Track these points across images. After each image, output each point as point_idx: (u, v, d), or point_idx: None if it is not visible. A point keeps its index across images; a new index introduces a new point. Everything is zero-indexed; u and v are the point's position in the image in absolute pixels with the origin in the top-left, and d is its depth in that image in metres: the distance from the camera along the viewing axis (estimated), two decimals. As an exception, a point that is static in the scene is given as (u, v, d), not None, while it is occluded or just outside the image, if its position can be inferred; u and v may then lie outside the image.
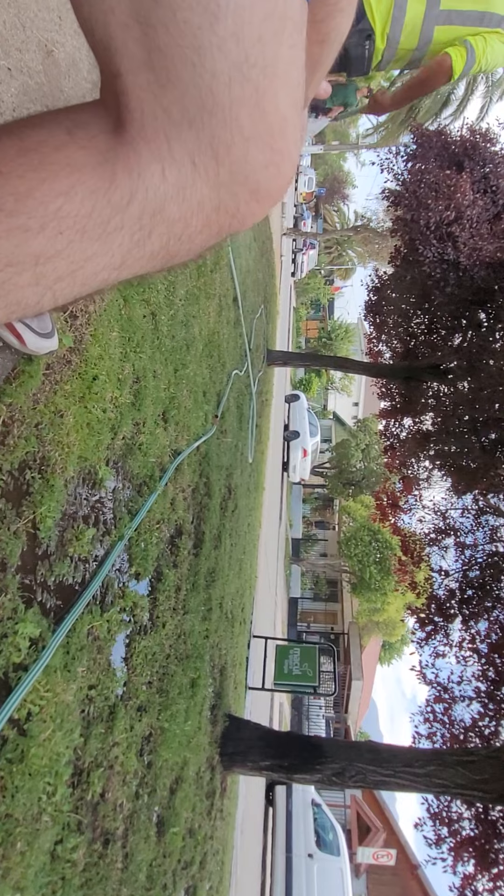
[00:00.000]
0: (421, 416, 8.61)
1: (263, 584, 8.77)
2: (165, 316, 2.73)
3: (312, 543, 29.63)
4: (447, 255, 6.38)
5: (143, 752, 2.23)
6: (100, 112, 0.47)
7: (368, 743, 4.30)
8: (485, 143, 7.28)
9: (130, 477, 2.18)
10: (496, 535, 7.56)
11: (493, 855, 4.79)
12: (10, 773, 1.29)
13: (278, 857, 8.75)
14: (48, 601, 1.49)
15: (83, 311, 1.75)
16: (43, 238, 0.44)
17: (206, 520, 3.61)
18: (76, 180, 0.44)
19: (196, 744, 3.20)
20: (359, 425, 25.34)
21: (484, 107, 18.10)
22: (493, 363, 6.41)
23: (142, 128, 0.44)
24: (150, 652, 2.34)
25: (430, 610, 7.23)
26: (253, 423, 6.58)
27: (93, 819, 1.74)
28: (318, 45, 0.64)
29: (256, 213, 0.51)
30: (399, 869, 16.01)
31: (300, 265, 27.35)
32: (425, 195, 6.56)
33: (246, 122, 0.44)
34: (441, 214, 6.34)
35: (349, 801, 17.32)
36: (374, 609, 20.63)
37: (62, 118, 0.48)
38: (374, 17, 1.77)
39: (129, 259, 0.49)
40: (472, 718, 5.74)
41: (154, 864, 2.37)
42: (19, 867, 1.30)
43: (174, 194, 0.46)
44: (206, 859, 3.52)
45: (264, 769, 4.21)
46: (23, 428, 1.37)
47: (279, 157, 0.47)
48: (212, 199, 0.47)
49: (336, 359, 13.63)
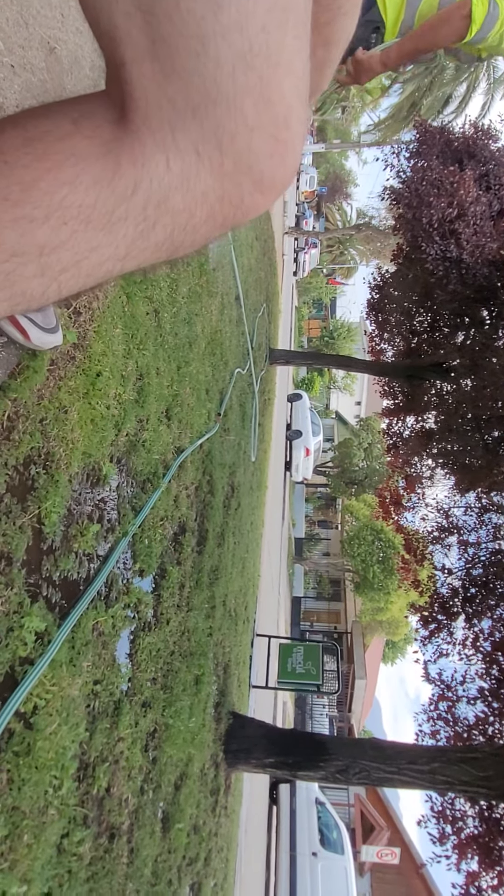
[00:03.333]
0: (424, 414, 8.60)
1: (266, 582, 8.77)
2: (168, 313, 2.74)
3: (315, 542, 29.63)
4: (450, 253, 6.37)
5: (147, 747, 2.24)
6: (105, 102, 0.48)
7: (372, 740, 4.31)
8: (487, 140, 7.27)
9: (134, 474, 2.18)
10: (499, 533, 7.54)
11: (498, 852, 4.79)
12: (17, 765, 1.30)
13: (282, 856, 8.76)
14: (53, 596, 1.50)
15: (87, 308, 1.75)
16: (48, 228, 0.44)
17: (210, 517, 3.62)
18: (81, 170, 0.45)
19: (200, 741, 3.21)
20: (361, 424, 25.34)
21: (486, 104, 18.05)
22: (495, 361, 6.40)
23: (146, 117, 0.45)
24: (154, 648, 2.35)
25: (433, 608, 7.22)
26: (255, 421, 6.58)
27: (98, 813, 1.74)
28: (323, 48, 0.64)
29: (260, 204, 0.51)
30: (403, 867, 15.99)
31: (302, 264, 27.36)
32: (427, 192, 6.55)
33: (250, 112, 0.44)
34: (444, 211, 6.32)
35: (353, 800, 17.31)
36: (378, 608, 20.63)
37: (67, 108, 0.48)
38: (385, 8, 1.59)
39: (134, 250, 0.50)
40: (476, 717, 5.73)
41: (159, 859, 2.38)
42: (26, 859, 1.30)
43: (178, 184, 0.46)
44: (211, 856, 3.53)
45: (268, 766, 4.22)
46: (27, 423, 1.37)
47: (283, 148, 0.48)
48: (216, 189, 0.47)
49: (338, 357, 13.63)
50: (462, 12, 1.49)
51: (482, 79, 17.46)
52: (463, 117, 17.74)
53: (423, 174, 6.75)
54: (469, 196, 6.25)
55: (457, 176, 6.36)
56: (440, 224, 6.40)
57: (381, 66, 1.68)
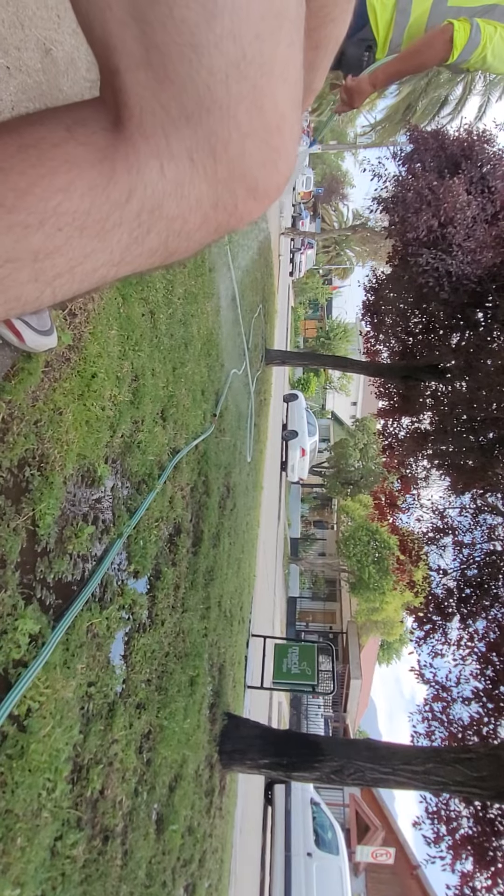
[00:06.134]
0: (419, 415, 8.63)
1: (262, 583, 8.78)
2: (164, 314, 2.74)
3: (311, 543, 29.63)
4: (440, 264, 6.35)
5: (142, 749, 2.24)
6: (99, 109, 0.48)
7: (367, 741, 4.32)
8: (482, 144, 7.30)
9: (129, 475, 2.18)
10: (494, 534, 7.58)
11: (492, 853, 4.81)
12: (10, 768, 1.29)
13: (277, 856, 8.77)
14: (47, 598, 1.50)
15: (82, 309, 1.75)
16: (42, 234, 0.44)
17: (205, 518, 3.62)
18: (75, 176, 0.45)
19: (195, 742, 3.21)
20: (357, 425, 25.37)
21: (482, 106, 18.13)
22: (490, 363, 6.42)
23: (140, 125, 0.45)
24: (149, 650, 2.35)
25: (428, 609, 7.24)
26: (251, 422, 6.58)
27: (92, 816, 1.74)
28: (312, 51, 0.65)
29: (254, 210, 0.51)
30: (398, 868, 16.03)
31: (298, 265, 27.37)
32: (413, 201, 6.56)
33: (244, 119, 0.44)
34: (429, 223, 6.33)
35: (348, 800, 17.34)
36: (373, 608, 20.65)
37: (62, 115, 0.48)
38: (377, 26, 1.64)
39: (128, 256, 0.50)
40: (471, 717, 5.76)
41: (153, 861, 2.38)
42: (19, 862, 1.30)
43: (172, 191, 0.47)
44: (206, 857, 3.52)
45: (263, 767, 4.22)
46: (22, 425, 1.37)
47: (277, 155, 0.48)
48: (210, 196, 0.48)
49: (334, 358, 13.65)
50: (444, 37, 1.56)
51: (478, 81, 17.53)
52: (459, 119, 17.83)
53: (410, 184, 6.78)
54: (458, 203, 6.25)
55: (441, 188, 6.37)
56: (428, 233, 6.40)
57: (370, 88, 1.77)
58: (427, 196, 6.44)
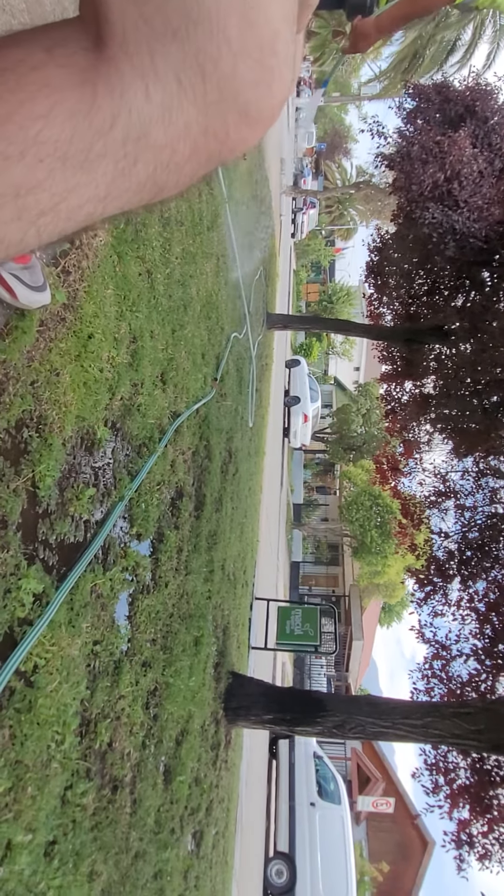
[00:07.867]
0: (422, 379, 8.54)
1: (265, 547, 8.88)
2: (161, 274, 2.68)
3: (313, 508, 29.88)
4: (446, 219, 6.17)
5: (148, 705, 2.30)
6: (79, 28, 0.45)
7: (368, 697, 4.43)
8: (487, 97, 7.01)
9: (129, 438, 2.17)
10: (496, 497, 7.60)
11: (488, 801, 5.00)
12: (19, 721, 1.33)
13: (282, 806, 9.13)
14: (50, 559, 1.51)
15: (76, 267, 1.71)
16: (23, 167, 0.42)
17: (207, 483, 3.63)
18: (55, 101, 0.42)
19: (200, 699, 3.29)
20: (360, 390, 25.18)
21: (491, 53, 17.35)
22: (495, 324, 6.31)
23: (123, 42, 0.42)
24: (153, 610, 2.39)
25: (429, 571, 7.33)
26: (253, 387, 6.53)
27: (101, 767, 1.80)
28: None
29: (247, 138, 0.48)
30: (397, 816, 16.74)
31: (300, 226, 26.72)
32: (418, 156, 6.34)
33: (234, 34, 0.41)
34: (434, 176, 6.13)
35: (350, 754, 17.98)
36: (375, 572, 20.97)
37: (40, 36, 0.45)
38: None
39: (115, 190, 0.47)
40: (469, 674, 5.89)
41: (161, 809, 2.47)
42: (31, 810, 1.35)
43: (159, 116, 0.44)
44: (213, 806, 3.67)
45: (267, 722, 4.35)
46: (18, 385, 1.35)
47: (270, 75, 0.45)
48: (199, 121, 0.45)
49: (337, 321, 13.47)
50: None
51: (488, 25, 16.72)
52: (468, 68, 17.07)
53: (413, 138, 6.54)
54: (463, 156, 6.04)
55: (445, 142, 6.14)
56: (433, 188, 6.20)
57: (376, 32, 1.69)
58: (432, 149, 6.22)
